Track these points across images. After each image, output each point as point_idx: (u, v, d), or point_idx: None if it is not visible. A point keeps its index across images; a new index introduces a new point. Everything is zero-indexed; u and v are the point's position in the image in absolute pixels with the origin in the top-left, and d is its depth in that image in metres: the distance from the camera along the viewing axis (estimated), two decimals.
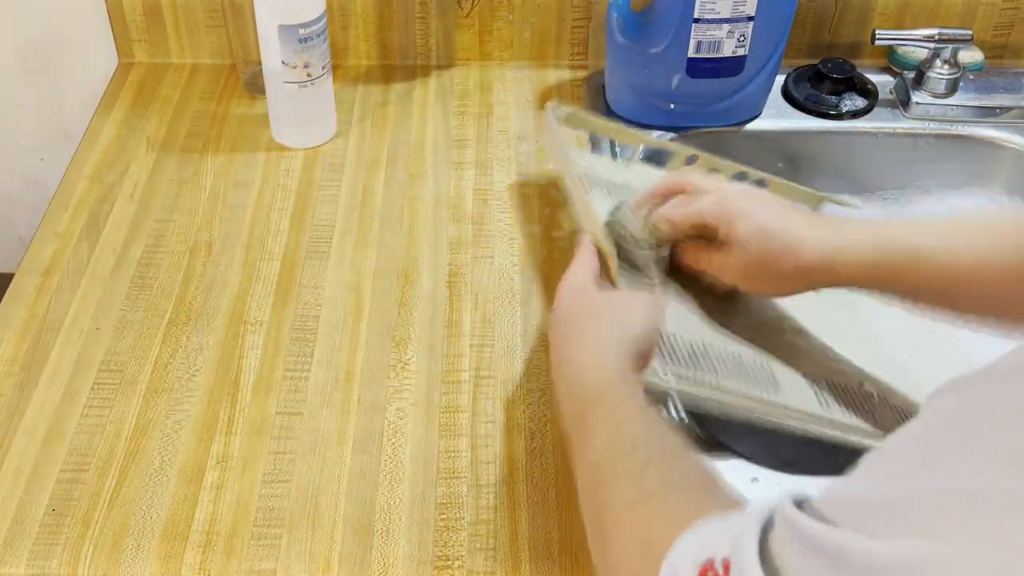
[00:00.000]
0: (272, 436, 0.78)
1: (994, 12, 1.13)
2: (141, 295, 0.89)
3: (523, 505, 0.74)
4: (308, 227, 0.96)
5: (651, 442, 0.59)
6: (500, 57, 1.17)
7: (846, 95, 1.10)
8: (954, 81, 1.07)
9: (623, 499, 0.56)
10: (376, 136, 1.07)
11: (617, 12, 1.03)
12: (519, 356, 0.85)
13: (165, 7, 1.13)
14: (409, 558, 0.71)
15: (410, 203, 0.99)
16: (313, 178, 1.01)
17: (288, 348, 0.85)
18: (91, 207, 0.98)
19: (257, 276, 0.91)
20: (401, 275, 0.91)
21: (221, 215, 0.97)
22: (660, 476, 0.56)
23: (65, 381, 0.82)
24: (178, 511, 0.74)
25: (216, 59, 1.17)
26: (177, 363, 0.84)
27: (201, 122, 1.08)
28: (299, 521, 0.73)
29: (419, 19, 1.14)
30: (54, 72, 1.21)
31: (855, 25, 1.14)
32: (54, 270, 0.92)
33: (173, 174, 1.02)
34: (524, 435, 0.79)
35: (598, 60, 1.15)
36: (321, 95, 1.03)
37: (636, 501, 0.55)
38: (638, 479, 0.56)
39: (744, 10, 0.98)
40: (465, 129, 1.08)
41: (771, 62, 1.04)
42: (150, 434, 0.79)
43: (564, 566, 0.71)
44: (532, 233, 0.96)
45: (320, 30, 0.98)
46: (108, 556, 0.71)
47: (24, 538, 0.72)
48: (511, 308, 0.89)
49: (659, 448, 0.58)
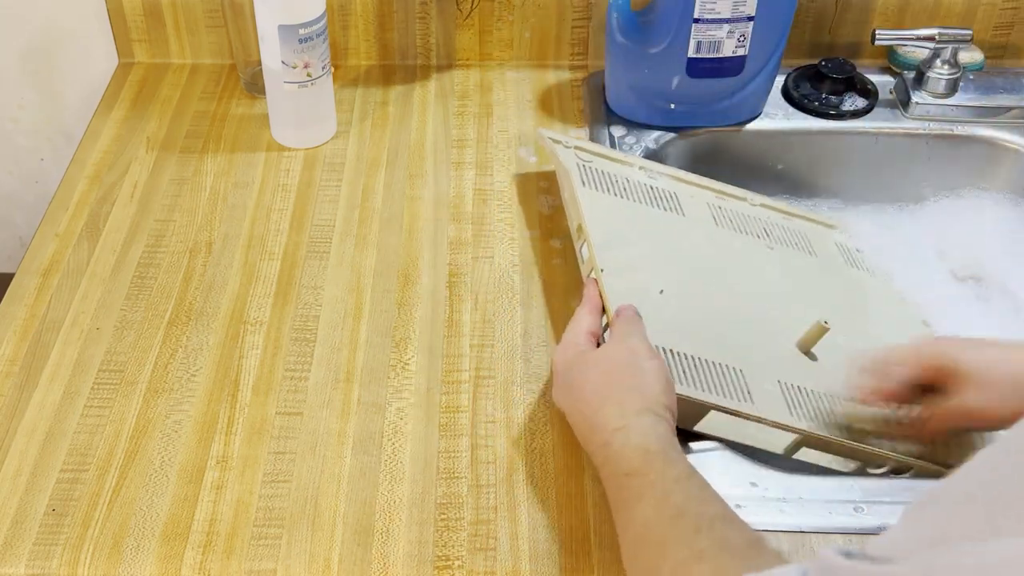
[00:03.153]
0: (272, 436, 0.78)
1: (994, 12, 1.13)
2: (141, 295, 0.89)
3: (523, 505, 0.74)
4: (308, 227, 0.96)
5: (698, 508, 0.59)
6: (500, 57, 1.17)
7: (846, 95, 1.10)
8: (954, 81, 1.07)
9: (675, 559, 0.56)
10: (376, 136, 1.07)
11: (617, 12, 1.03)
12: (519, 356, 0.85)
13: (165, 7, 1.13)
14: (409, 558, 0.71)
15: (410, 203, 0.99)
16: (313, 178, 1.01)
17: (288, 348, 0.85)
18: (91, 207, 0.98)
19: (257, 276, 0.91)
20: (401, 275, 0.91)
21: (221, 215, 0.97)
22: (710, 539, 0.56)
23: (65, 381, 0.82)
24: (178, 511, 0.74)
25: (216, 59, 1.17)
26: (177, 363, 0.84)
27: (201, 122, 1.08)
28: (299, 521, 0.73)
29: (419, 19, 1.14)
30: (54, 72, 1.21)
31: (855, 25, 1.14)
32: (54, 270, 0.92)
33: (173, 174, 1.02)
34: (524, 435, 0.79)
35: (598, 60, 1.15)
36: (321, 95, 1.03)
37: (688, 560, 0.55)
38: (689, 542, 0.56)
39: (744, 10, 0.98)
40: (465, 129, 1.08)
41: (771, 62, 1.04)
42: (150, 434, 0.79)
43: (564, 566, 0.71)
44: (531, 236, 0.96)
45: (320, 30, 0.98)
46: (108, 556, 0.71)
47: (24, 538, 0.72)
48: (511, 308, 0.89)
49: (707, 514, 0.58)
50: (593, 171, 0.92)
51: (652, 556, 0.58)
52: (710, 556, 0.54)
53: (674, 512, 0.59)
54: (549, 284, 0.91)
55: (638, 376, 0.70)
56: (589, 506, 0.74)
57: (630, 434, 0.66)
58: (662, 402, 0.69)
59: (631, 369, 0.71)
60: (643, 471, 0.63)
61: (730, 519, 0.58)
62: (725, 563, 0.53)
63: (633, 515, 0.62)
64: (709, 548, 0.55)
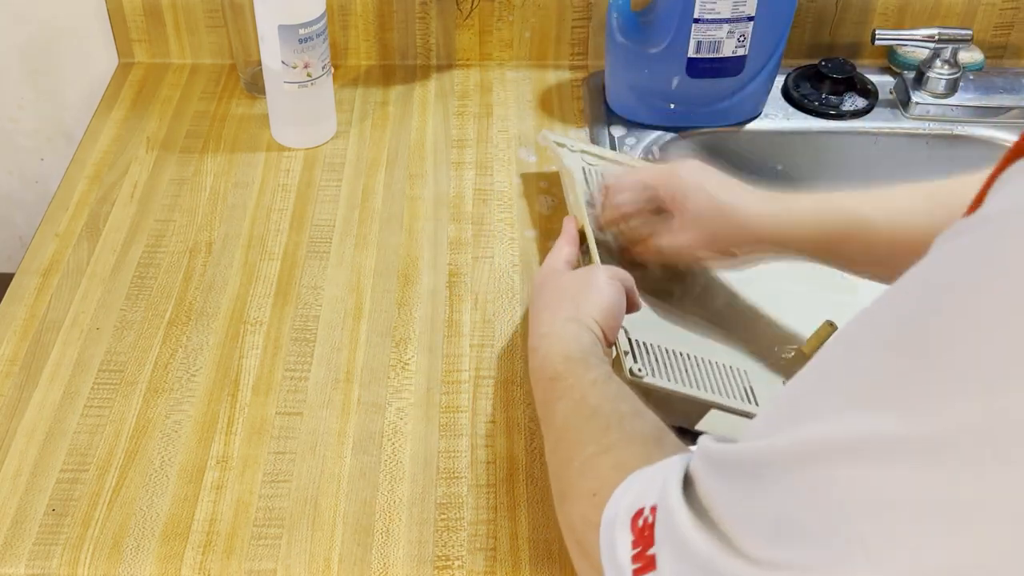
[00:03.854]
0: (272, 436, 0.78)
1: (994, 12, 1.13)
2: (141, 295, 0.89)
3: (523, 505, 0.74)
4: (308, 227, 0.96)
5: (609, 406, 0.61)
6: (500, 57, 1.17)
7: (846, 95, 1.10)
8: (954, 81, 1.07)
9: (582, 454, 0.58)
10: (376, 136, 1.07)
11: (617, 12, 1.03)
12: (519, 356, 0.85)
13: (165, 7, 1.13)
14: (409, 558, 0.71)
15: (410, 203, 0.99)
16: (313, 178, 1.01)
17: (288, 348, 0.85)
18: (91, 207, 0.98)
19: (257, 276, 0.91)
20: (401, 275, 0.91)
21: (221, 215, 0.97)
22: (619, 434, 0.58)
23: (65, 381, 0.82)
24: (178, 511, 0.74)
25: (216, 59, 1.17)
26: (177, 363, 0.84)
27: (201, 122, 1.08)
28: (299, 521, 0.73)
29: (419, 19, 1.14)
30: (54, 72, 1.21)
31: (855, 25, 1.14)
32: (54, 270, 0.92)
33: (173, 174, 1.02)
34: (524, 435, 0.79)
35: (598, 60, 1.15)
36: (321, 95, 1.03)
37: (593, 455, 0.58)
38: (598, 438, 0.59)
39: (744, 10, 0.98)
40: (465, 129, 1.08)
41: (771, 62, 1.04)
42: (150, 434, 0.79)
43: (564, 566, 0.71)
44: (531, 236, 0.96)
45: (320, 30, 0.98)
46: (108, 556, 0.71)
47: (24, 538, 0.72)
48: (511, 308, 0.89)
49: (617, 411, 0.61)
50: (598, 175, 0.92)
51: (567, 451, 0.61)
52: (616, 449, 0.57)
53: (589, 412, 0.62)
54: None
55: (582, 293, 0.72)
56: None
57: (553, 340, 0.69)
58: (592, 315, 0.71)
59: (579, 285, 0.73)
60: (564, 375, 0.66)
61: (641, 415, 0.61)
62: (629, 454, 0.55)
63: (554, 415, 0.64)
64: (617, 442, 0.58)
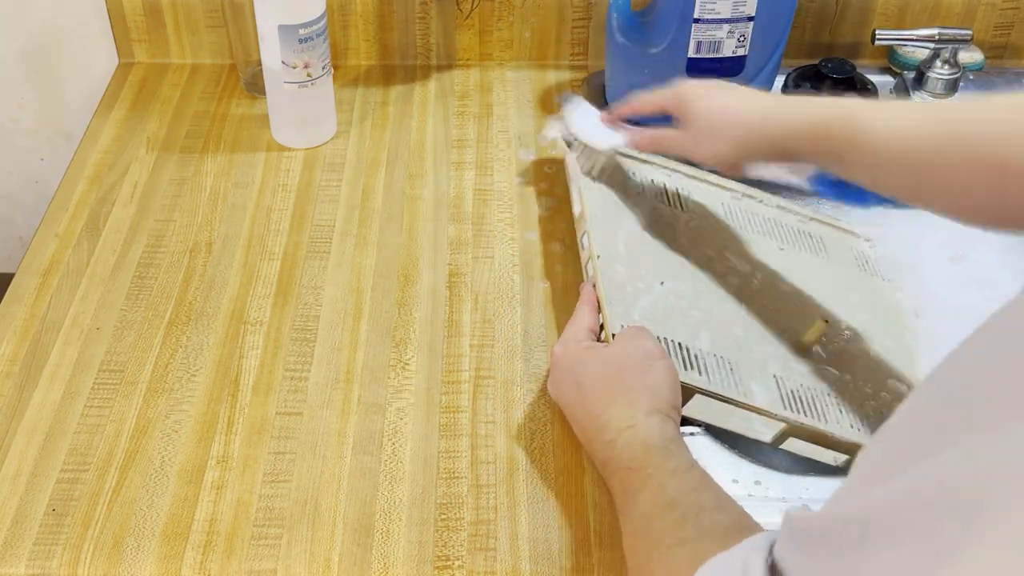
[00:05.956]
0: (272, 436, 0.78)
1: (994, 12, 1.13)
2: (141, 295, 0.89)
3: (523, 505, 0.74)
4: (308, 227, 0.96)
5: (690, 498, 0.60)
6: (500, 57, 1.17)
7: (846, 95, 1.09)
8: (954, 81, 1.07)
9: (662, 547, 0.58)
10: (376, 136, 1.07)
11: (617, 12, 1.03)
12: (519, 356, 0.85)
13: (165, 7, 1.13)
14: (409, 558, 0.71)
15: (410, 203, 0.99)
16: (313, 178, 1.01)
17: (288, 348, 0.85)
18: (91, 207, 0.98)
19: (257, 276, 0.91)
20: (401, 275, 0.91)
21: (221, 215, 0.97)
22: (695, 527, 0.58)
23: (65, 381, 0.82)
24: (178, 511, 0.74)
25: (216, 59, 1.17)
26: (177, 363, 0.84)
27: (201, 122, 1.08)
28: (299, 521, 0.73)
29: (419, 19, 1.14)
30: (54, 72, 1.21)
31: (855, 25, 1.14)
32: (54, 270, 0.92)
33: (173, 174, 1.02)
34: (524, 435, 0.79)
35: (598, 60, 1.15)
36: (321, 95, 1.03)
37: (672, 547, 0.57)
38: (675, 531, 0.58)
39: (744, 10, 0.98)
40: (465, 129, 1.08)
41: (771, 62, 1.04)
42: (150, 434, 0.79)
43: (564, 566, 0.71)
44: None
45: (320, 30, 0.98)
46: (108, 556, 0.71)
47: (24, 538, 0.72)
48: (511, 308, 0.89)
49: (696, 503, 0.60)
50: (602, 163, 0.93)
51: (645, 546, 0.60)
52: (692, 541, 0.56)
53: (667, 503, 0.61)
54: (549, 284, 0.91)
55: (649, 376, 0.71)
56: (589, 506, 0.74)
57: (638, 432, 0.67)
58: (671, 402, 0.70)
59: (642, 368, 0.71)
60: (643, 465, 0.64)
61: (722, 506, 0.60)
62: (704, 547, 0.54)
63: (632, 508, 0.63)
64: (693, 535, 0.57)
